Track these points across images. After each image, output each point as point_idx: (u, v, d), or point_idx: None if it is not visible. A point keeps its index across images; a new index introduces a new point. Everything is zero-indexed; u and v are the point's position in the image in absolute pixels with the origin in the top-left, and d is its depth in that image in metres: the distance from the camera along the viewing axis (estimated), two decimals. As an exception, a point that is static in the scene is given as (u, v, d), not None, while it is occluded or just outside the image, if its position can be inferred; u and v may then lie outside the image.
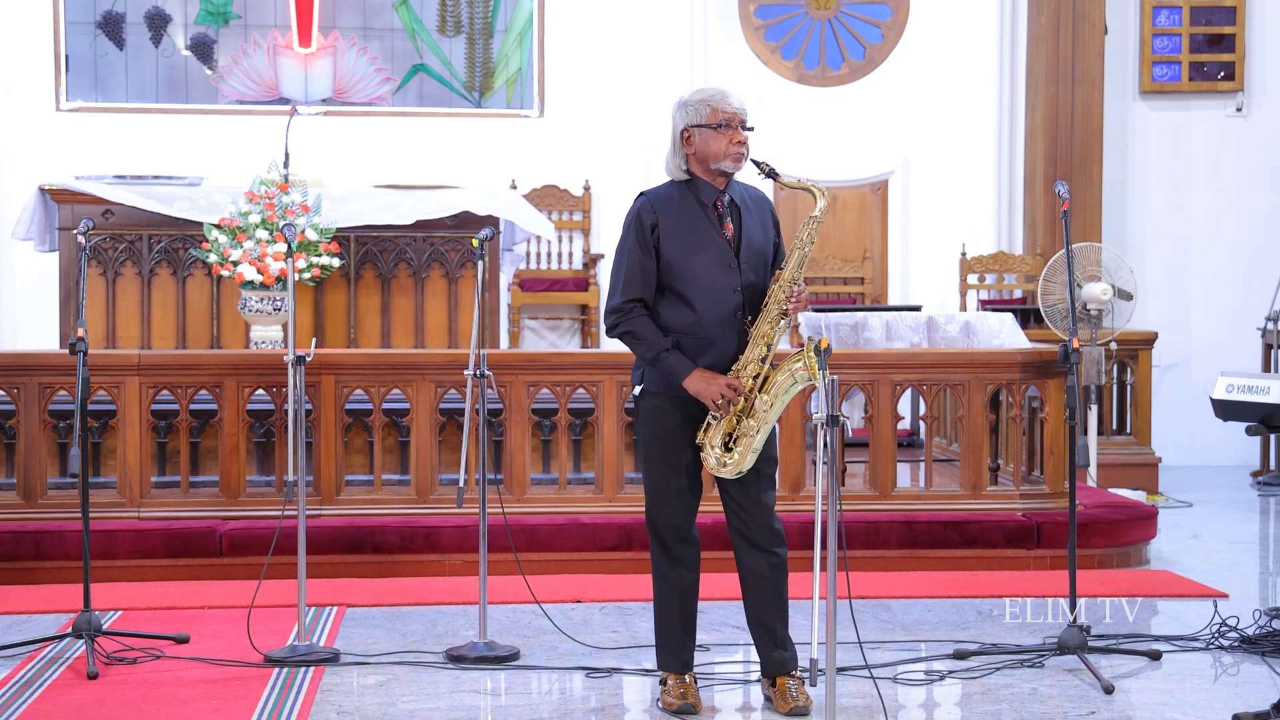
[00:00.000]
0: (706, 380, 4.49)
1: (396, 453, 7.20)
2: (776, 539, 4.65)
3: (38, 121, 10.29)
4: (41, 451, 6.72)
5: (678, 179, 4.63)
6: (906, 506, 6.94)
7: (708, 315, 4.53)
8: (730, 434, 4.54)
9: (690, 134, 4.56)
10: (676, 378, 4.52)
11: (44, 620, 5.81)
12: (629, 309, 4.56)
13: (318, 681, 4.98)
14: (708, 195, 4.58)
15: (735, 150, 4.53)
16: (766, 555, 4.64)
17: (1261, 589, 6.76)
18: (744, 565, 4.68)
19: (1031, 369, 7.02)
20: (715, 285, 4.53)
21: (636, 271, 4.55)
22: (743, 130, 4.54)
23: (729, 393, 4.48)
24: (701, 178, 4.59)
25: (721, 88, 4.61)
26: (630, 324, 4.56)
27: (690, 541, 4.67)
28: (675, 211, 4.57)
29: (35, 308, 9.85)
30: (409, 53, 10.55)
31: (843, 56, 10.81)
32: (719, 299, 4.53)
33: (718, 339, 4.54)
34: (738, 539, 4.67)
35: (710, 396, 4.49)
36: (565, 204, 10.59)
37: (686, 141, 4.57)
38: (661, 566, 4.69)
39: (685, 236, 4.54)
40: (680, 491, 4.63)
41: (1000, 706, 4.76)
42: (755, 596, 4.68)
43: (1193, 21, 10.76)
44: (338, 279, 8.20)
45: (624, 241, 4.61)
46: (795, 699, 4.62)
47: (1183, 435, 10.09)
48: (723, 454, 4.54)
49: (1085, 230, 9.96)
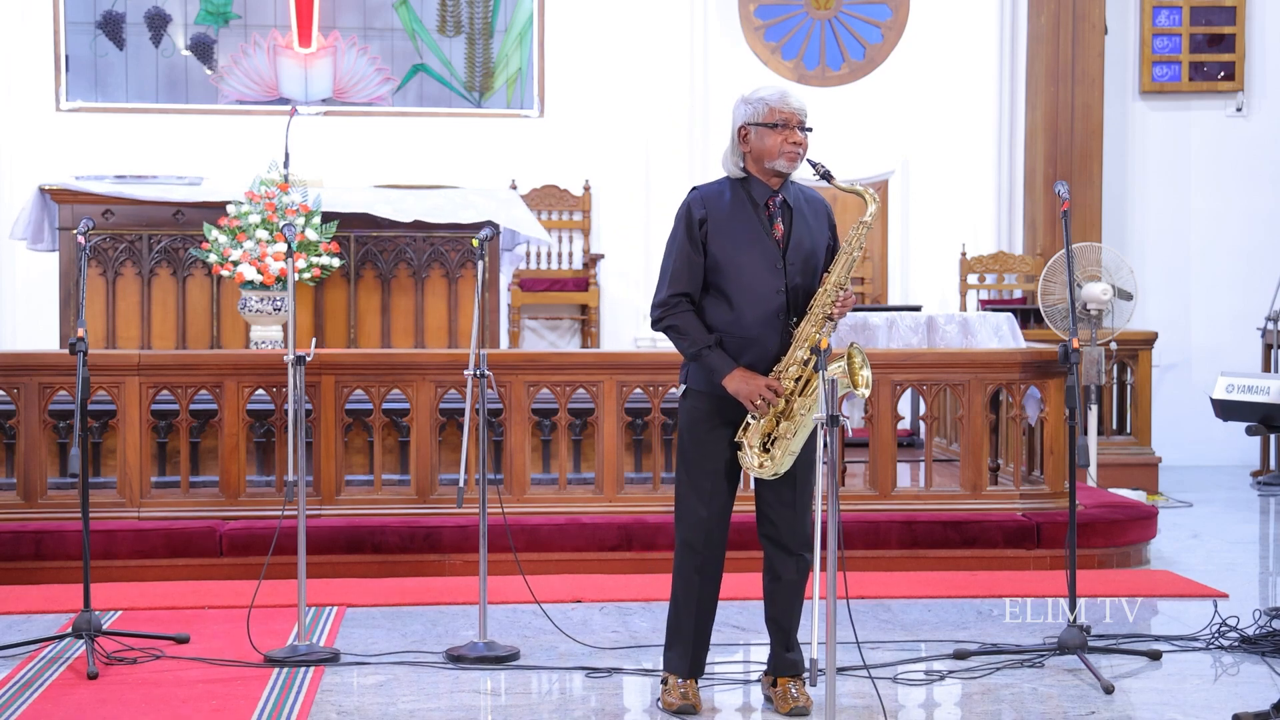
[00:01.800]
0: (746, 379, 4.47)
1: (396, 453, 7.20)
2: (807, 544, 4.62)
3: (38, 121, 10.29)
4: (41, 451, 6.72)
5: (734, 176, 4.60)
6: (906, 506, 6.94)
7: (751, 314, 4.50)
8: (769, 435, 4.52)
9: (747, 131, 4.53)
10: (717, 375, 4.49)
11: (44, 620, 5.81)
12: (674, 303, 4.54)
13: (318, 681, 4.98)
14: (760, 194, 4.55)
15: (790, 150, 4.49)
16: (796, 560, 4.63)
17: (1261, 589, 6.76)
18: (772, 568, 4.66)
19: (1031, 369, 7.02)
20: (760, 285, 4.50)
21: (684, 266, 4.53)
22: (800, 131, 4.52)
23: (768, 393, 4.45)
24: (757, 176, 4.56)
25: (782, 87, 4.58)
26: (675, 318, 4.53)
27: (719, 546, 4.62)
28: (726, 208, 4.53)
29: (35, 308, 9.86)
30: (409, 53, 10.55)
31: (843, 56, 10.81)
32: (763, 299, 4.50)
33: (760, 339, 4.51)
34: (768, 543, 4.65)
35: (749, 396, 4.46)
36: (565, 204, 10.59)
37: (743, 139, 4.54)
38: (686, 573, 4.64)
39: (733, 234, 4.51)
40: (716, 494, 4.59)
41: (1000, 706, 4.76)
42: (778, 599, 4.67)
43: (1193, 21, 10.76)
44: (338, 279, 8.21)
45: (673, 235, 4.58)
46: (795, 699, 4.62)
47: (1183, 435, 10.10)
48: (760, 454, 4.52)
49: (1085, 230, 9.96)
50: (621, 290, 10.64)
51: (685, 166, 10.54)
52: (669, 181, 10.48)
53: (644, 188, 10.67)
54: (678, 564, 4.65)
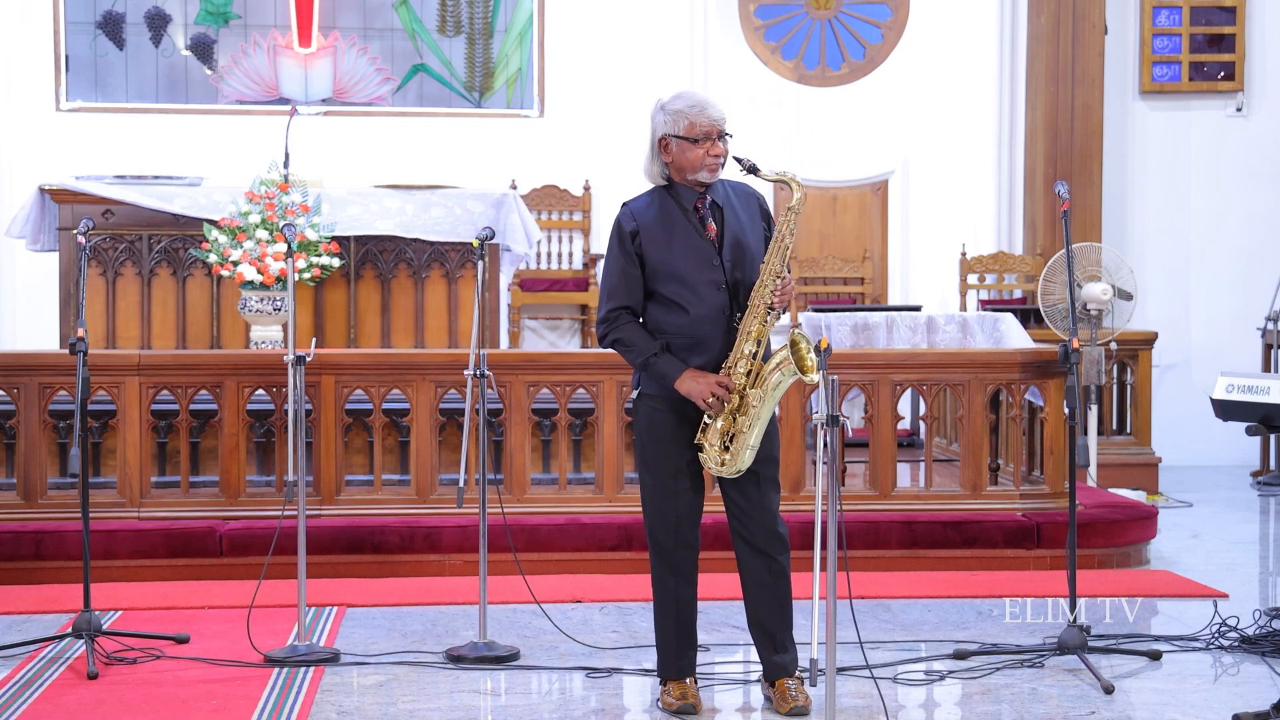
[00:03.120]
0: (696, 379, 4.50)
1: (396, 453, 7.20)
2: (778, 543, 4.62)
3: (38, 121, 10.29)
4: (41, 451, 6.72)
5: (659, 184, 4.64)
6: (906, 506, 6.94)
7: (695, 315, 4.54)
8: (728, 433, 4.53)
9: (668, 142, 4.60)
10: (668, 380, 4.52)
11: (44, 620, 5.81)
12: (615, 317, 4.59)
13: (318, 681, 4.98)
14: (688, 199, 4.61)
15: (712, 162, 4.56)
16: (767, 560, 4.62)
17: (1261, 589, 6.76)
18: (744, 569, 4.67)
19: (1031, 369, 7.02)
20: (700, 285, 4.53)
21: (620, 280, 4.58)
22: (720, 142, 4.54)
23: (720, 390, 4.48)
24: (681, 184, 4.60)
25: (700, 98, 4.61)
26: (618, 331, 4.59)
27: (690, 545, 4.65)
28: (655, 217, 4.60)
29: (35, 308, 9.86)
30: (409, 53, 10.55)
31: (843, 56, 10.81)
32: (705, 298, 4.54)
33: (707, 338, 4.54)
34: (739, 541, 4.66)
35: (700, 395, 4.49)
36: (565, 204, 10.59)
37: (664, 149, 4.61)
38: (659, 574, 4.68)
39: (666, 240, 4.56)
40: (680, 494, 4.61)
41: (1000, 706, 4.76)
42: (756, 601, 4.67)
43: (1193, 21, 10.76)
44: (338, 279, 8.20)
45: (608, 252, 4.66)
46: (795, 699, 4.62)
47: (1183, 435, 10.09)
48: (720, 453, 4.53)
49: (1085, 230, 9.95)
50: (621, 290, 10.62)
51: (685, 166, 10.53)
52: (669, 181, 10.48)
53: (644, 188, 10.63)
54: (652, 567, 4.69)
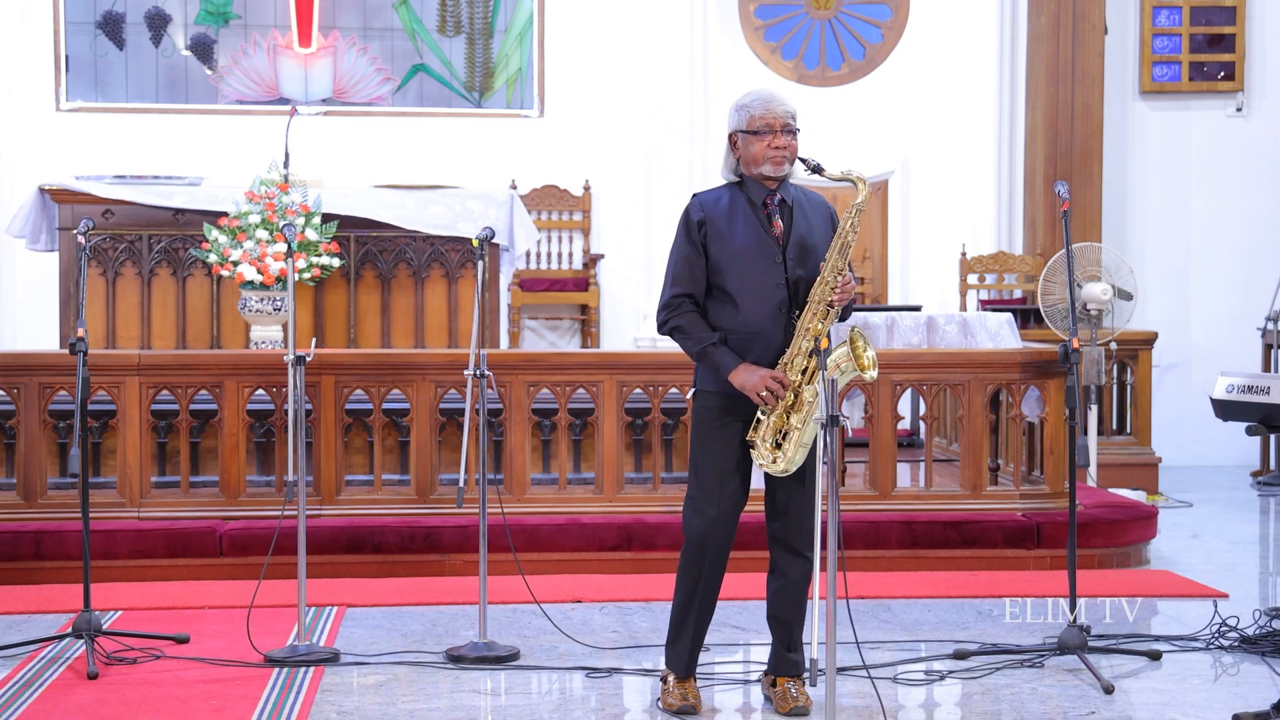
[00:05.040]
0: (751, 372, 4.50)
1: (396, 453, 7.20)
2: (811, 545, 4.61)
3: (38, 121, 10.30)
4: (41, 451, 6.72)
5: (731, 181, 4.65)
6: (906, 506, 6.94)
7: (753, 310, 4.54)
8: (780, 430, 4.53)
9: (736, 138, 4.61)
10: (723, 371, 4.53)
11: (44, 620, 5.81)
12: (677, 304, 4.60)
13: (318, 681, 4.98)
14: (757, 194, 4.61)
15: (774, 155, 4.54)
16: (802, 562, 4.63)
17: (1261, 589, 6.76)
18: (778, 568, 4.66)
19: (1031, 369, 7.02)
20: (760, 280, 4.54)
21: (685, 268, 4.59)
22: (785, 135, 4.55)
23: (773, 384, 4.48)
24: (751, 179, 4.61)
25: (767, 93, 4.62)
26: (678, 319, 4.59)
27: (722, 546, 4.62)
28: (723, 210, 4.61)
29: (35, 308, 9.86)
30: (409, 53, 10.55)
31: (843, 56, 10.81)
32: (764, 294, 4.54)
33: (764, 334, 4.54)
34: (775, 543, 4.65)
35: (755, 389, 4.48)
36: (565, 204, 10.59)
37: (734, 145, 4.63)
38: (690, 571, 4.64)
39: (731, 233, 4.58)
40: (726, 494, 4.59)
41: (1000, 706, 4.76)
42: (783, 599, 4.67)
43: (1193, 21, 10.76)
44: (338, 279, 8.21)
45: (675, 240, 4.66)
46: (795, 699, 4.62)
47: (1183, 435, 10.10)
48: (773, 450, 4.53)
49: (1085, 230, 9.96)
50: (621, 290, 10.65)
51: (685, 166, 10.55)
52: (669, 181, 10.50)
53: (644, 188, 10.67)
54: (683, 562, 4.66)
